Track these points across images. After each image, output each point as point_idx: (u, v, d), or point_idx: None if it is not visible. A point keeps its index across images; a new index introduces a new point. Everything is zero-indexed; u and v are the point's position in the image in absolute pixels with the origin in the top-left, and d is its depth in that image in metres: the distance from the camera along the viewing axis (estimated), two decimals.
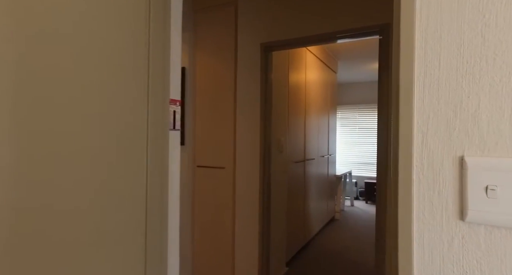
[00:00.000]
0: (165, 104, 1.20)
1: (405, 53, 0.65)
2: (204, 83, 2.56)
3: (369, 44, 3.97)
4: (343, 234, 4.04)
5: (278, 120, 2.71)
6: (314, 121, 3.80)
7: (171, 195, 1.28)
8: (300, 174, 3.35)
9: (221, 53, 2.49)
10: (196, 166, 2.57)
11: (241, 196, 2.46)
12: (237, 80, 2.48)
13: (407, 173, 0.64)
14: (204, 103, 2.56)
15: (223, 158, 2.49)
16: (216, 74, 2.52)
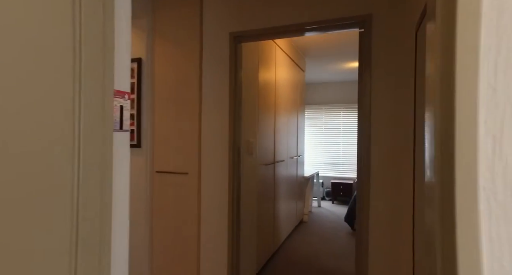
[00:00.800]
0: (106, 97, 0.89)
1: (465, 20, 0.43)
2: (165, 76, 2.23)
3: (338, 43, 3.87)
4: (312, 237, 3.90)
5: (248, 120, 2.47)
6: (283, 122, 3.61)
7: (117, 214, 0.98)
8: (270, 177, 3.13)
9: (185, 43, 2.19)
10: (155, 171, 2.23)
11: (208, 205, 2.18)
12: (203, 74, 2.19)
13: (469, 195, 0.41)
14: (164, 100, 2.24)
15: (187, 163, 2.19)
16: (178, 67, 2.21)
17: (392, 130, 1.74)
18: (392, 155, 1.75)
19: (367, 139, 1.78)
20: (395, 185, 1.75)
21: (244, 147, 2.39)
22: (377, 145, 1.78)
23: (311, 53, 4.34)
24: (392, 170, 1.76)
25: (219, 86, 2.16)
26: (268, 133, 3.06)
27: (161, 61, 2.24)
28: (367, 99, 1.78)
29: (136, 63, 2.17)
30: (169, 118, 2.22)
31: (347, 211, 4.24)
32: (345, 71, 5.33)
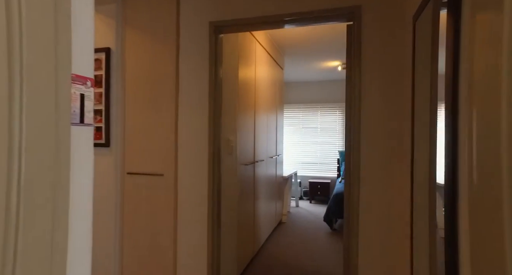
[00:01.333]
0: (60, 82, 0.70)
1: None
2: (137, 69, 2.02)
3: (317, 40, 3.81)
4: (292, 239, 3.81)
5: (227, 118, 2.31)
6: (263, 121, 3.48)
7: (78, 226, 0.79)
8: (250, 178, 2.99)
9: (159, 33, 1.99)
10: (126, 173, 2.02)
11: (185, 209, 2.00)
12: (180, 67, 2.01)
13: None
14: (136, 94, 2.03)
15: (162, 163, 1.99)
16: (152, 59, 2.01)
17: (384, 128, 1.66)
18: (383, 154, 1.67)
19: (357, 137, 1.69)
20: (387, 185, 1.68)
21: (224, 146, 2.23)
22: (368, 144, 1.70)
23: (290, 50, 4.25)
24: (383, 169, 1.68)
25: (198, 80, 1.99)
26: (248, 132, 2.92)
27: (133, 52, 2.03)
28: (356, 97, 1.69)
29: (104, 53, 1.95)
30: (142, 115, 2.02)
31: (326, 211, 4.20)
32: (323, 70, 5.31)
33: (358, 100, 1.69)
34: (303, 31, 3.49)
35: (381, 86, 1.67)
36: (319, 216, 4.87)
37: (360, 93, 1.69)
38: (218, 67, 2.01)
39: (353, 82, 1.71)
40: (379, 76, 1.67)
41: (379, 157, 1.69)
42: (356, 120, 1.69)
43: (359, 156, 1.70)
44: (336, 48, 4.07)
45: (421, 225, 1.18)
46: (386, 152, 1.68)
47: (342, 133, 6.13)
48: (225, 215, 2.23)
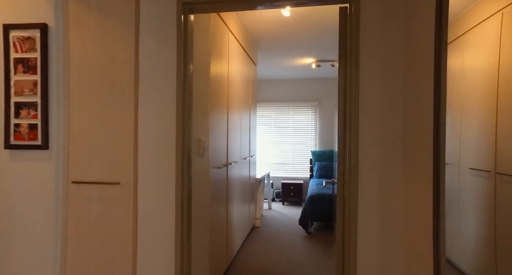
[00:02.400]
0: None
1: None
2: (85, 53, 1.61)
3: (292, 34, 3.57)
4: (267, 245, 3.53)
5: (199, 116, 1.97)
6: (236, 120, 3.17)
7: None
8: (223, 182, 2.67)
9: (113, 8, 1.60)
10: (71, 182, 1.60)
11: (147, 222, 1.63)
12: (141, 53, 1.64)
13: None
14: (84, 85, 1.62)
15: (118, 169, 1.60)
16: (104, 41, 1.61)
17: (388, 127, 1.42)
18: (386, 152, 1.44)
19: (355, 133, 1.44)
20: (388, 188, 1.44)
21: (195, 148, 1.89)
22: (367, 144, 1.45)
23: (264, 45, 3.98)
24: (385, 169, 1.45)
25: (163, 69, 1.63)
26: (221, 132, 2.60)
27: (78, 31, 1.61)
28: (355, 95, 1.44)
29: (39, 30, 1.51)
30: (91, 110, 1.61)
31: (301, 214, 3.98)
32: (296, 67, 5.10)
33: (355, 101, 1.43)
34: (278, 24, 3.23)
35: (384, 83, 1.44)
36: (293, 219, 4.65)
37: (358, 91, 1.44)
38: (188, 55, 1.67)
39: (348, 77, 1.46)
40: (381, 68, 1.43)
41: (379, 157, 1.45)
42: (354, 119, 1.44)
43: (357, 156, 1.45)
44: (311, 44, 3.87)
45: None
46: (388, 152, 1.44)
47: (315, 132, 5.99)
48: (197, 228, 1.88)
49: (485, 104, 0.82)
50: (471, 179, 0.88)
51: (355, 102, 1.42)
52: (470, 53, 0.91)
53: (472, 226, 0.87)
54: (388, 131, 1.43)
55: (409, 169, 1.33)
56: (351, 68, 1.44)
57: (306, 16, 3.01)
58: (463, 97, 0.95)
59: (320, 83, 5.91)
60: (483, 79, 0.83)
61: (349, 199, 1.46)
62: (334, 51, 4.12)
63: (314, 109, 5.99)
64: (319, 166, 5.48)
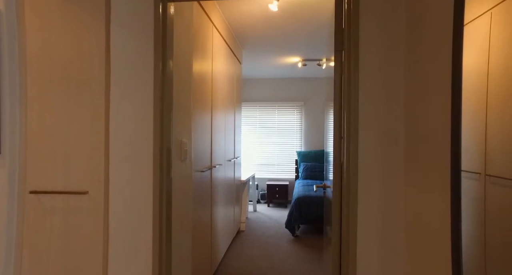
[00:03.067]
0: None
1: None
2: (45, 46, 1.40)
3: (277, 33, 3.44)
4: (253, 250, 3.38)
5: (180, 117, 1.80)
6: (221, 120, 3.00)
7: None
8: (207, 186, 2.49)
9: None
10: (29, 192, 1.38)
11: (120, 238, 1.43)
12: (112, 45, 1.44)
13: None
14: (45, 79, 1.41)
15: (86, 176, 1.40)
16: (69, 30, 1.41)
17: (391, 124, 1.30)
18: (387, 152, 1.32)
19: (354, 135, 1.31)
20: (390, 196, 1.32)
21: (176, 151, 1.71)
22: (368, 148, 1.33)
23: (249, 42, 3.82)
24: (387, 175, 1.32)
25: (139, 64, 1.44)
26: (205, 134, 2.42)
27: (38, 19, 1.39)
28: (354, 94, 1.30)
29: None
30: (55, 110, 1.40)
31: (287, 217, 3.85)
32: (282, 66, 4.97)
33: (354, 96, 1.30)
34: (265, 21, 3.08)
35: (385, 76, 1.32)
36: (279, 221, 4.52)
37: (357, 86, 1.30)
38: (168, 50, 1.49)
39: (346, 74, 1.33)
40: (381, 64, 1.30)
41: (381, 156, 1.33)
42: (353, 123, 1.30)
43: (356, 161, 1.31)
44: (298, 43, 3.75)
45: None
46: (390, 156, 1.32)
47: (300, 133, 5.89)
48: (178, 239, 1.71)
49: (475, 104, 0.81)
50: (462, 181, 0.87)
51: (354, 102, 1.29)
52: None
53: (462, 227, 0.86)
54: (390, 132, 1.31)
55: (416, 175, 1.22)
56: (349, 64, 1.30)
57: (294, 12, 2.88)
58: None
59: (306, 82, 5.81)
60: (472, 79, 0.82)
61: (348, 208, 1.33)
62: (321, 50, 4.02)
63: (299, 109, 5.89)
64: (304, 167, 5.38)
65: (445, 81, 0.94)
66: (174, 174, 1.65)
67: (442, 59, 0.97)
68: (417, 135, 1.18)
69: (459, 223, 0.87)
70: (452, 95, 0.90)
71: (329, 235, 2.05)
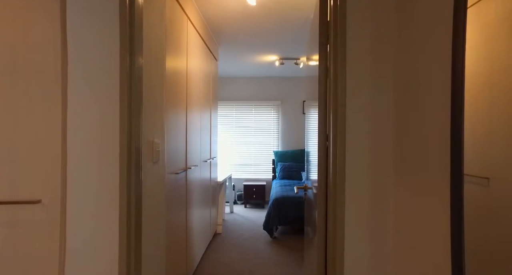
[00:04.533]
0: None
1: None
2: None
3: (254, 30, 3.32)
4: (230, 253, 3.24)
5: (151, 116, 1.62)
6: (196, 119, 2.83)
7: None
8: (181, 189, 2.32)
9: None
10: None
11: (80, 256, 1.24)
12: (70, 35, 1.24)
13: None
14: None
15: (38, 183, 1.20)
16: (15, 15, 1.20)
17: (381, 117, 1.22)
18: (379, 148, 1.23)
19: (341, 134, 1.21)
20: (379, 199, 1.24)
21: (147, 152, 1.53)
22: (356, 145, 1.23)
23: (225, 38, 3.67)
24: (377, 175, 1.24)
25: (103, 56, 1.26)
26: (179, 134, 2.25)
27: None
28: (341, 91, 1.21)
29: None
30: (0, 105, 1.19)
31: (265, 218, 3.75)
32: (259, 65, 4.86)
33: (341, 92, 1.20)
34: (242, 16, 2.95)
35: (374, 70, 1.23)
36: (256, 222, 4.41)
37: (344, 81, 1.21)
38: (136, 39, 1.31)
39: (332, 70, 1.23)
40: (369, 58, 1.21)
41: (370, 153, 1.24)
42: (340, 122, 1.21)
43: (344, 163, 1.22)
44: (275, 40, 3.65)
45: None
46: (379, 156, 1.24)
47: (277, 132, 5.82)
48: (149, 248, 1.53)
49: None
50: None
51: (341, 98, 1.19)
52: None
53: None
54: (380, 130, 1.23)
55: (408, 174, 1.14)
56: (335, 59, 1.20)
57: (273, 8, 2.77)
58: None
59: (283, 82, 5.75)
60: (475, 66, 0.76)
61: (334, 211, 1.23)
62: (299, 49, 3.95)
63: (276, 109, 5.81)
64: (282, 166, 5.31)
65: (443, 71, 0.86)
66: (144, 177, 1.47)
67: (441, 47, 0.89)
68: (411, 132, 1.10)
69: (461, 231, 0.79)
70: (453, 89, 0.82)
71: (310, 236, 1.96)
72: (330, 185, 1.27)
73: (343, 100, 1.20)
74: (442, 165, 0.89)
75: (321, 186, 1.34)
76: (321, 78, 1.33)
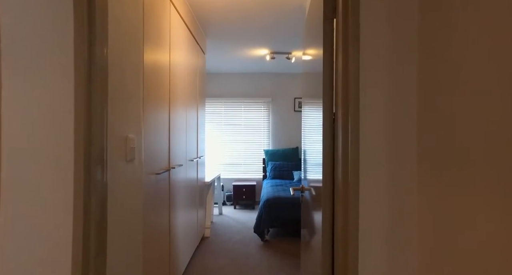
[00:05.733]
0: None
1: None
2: None
3: (244, 20, 3.08)
4: (219, 259, 2.99)
5: (124, 108, 1.36)
6: (181, 116, 2.57)
7: None
8: (164, 191, 2.06)
9: None
10: None
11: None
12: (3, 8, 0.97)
13: None
14: None
15: None
16: None
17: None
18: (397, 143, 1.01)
19: (354, 126, 0.99)
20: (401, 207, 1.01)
21: (118, 149, 1.27)
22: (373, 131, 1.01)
23: (213, 29, 3.41)
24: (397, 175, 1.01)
25: (51, 37, 0.99)
26: (161, 131, 1.99)
27: None
28: (353, 75, 0.98)
29: None
30: None
31: (256, 221, 3.51)
32: (249, 59, 4.62)
33: (354, 76, 0.98)
34: (231, 5, 2.70)
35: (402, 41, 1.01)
36: (247, 224, 4.17)
37: (358, 66, 0.98)
38: (98, 22, 1.05)
39: (340, 50, 1.00)
40: (394, 35, 0.99)
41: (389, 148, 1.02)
42: (353, 112, 0.98)
43: (357, 157, 0.99)
44: (267, 32, 3.42)
45: None
46: (400, 145, 1.02)
47: (268, 130, 5.59)
48: (118, 262, 1.27)
49: None
50: None
51: (354, 85, 0.96)
52: None
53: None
54: (400, 113, 1.01)
55: (439, 169, 0.92)
56: (345, 36, 0.97)
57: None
58: None
59: (274, 78, 5.52)
60: None
61: (345, 218, 1.00)
62: (291, 42, 3.73)
63: (267, 106, 5.58)
64: (272, 166, 5.09)
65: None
66: (113, 178, 1.22)
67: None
68: (443, 118, 0.88)
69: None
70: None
71: (306, 239, 1.74)
72: (338, 184, 1.04)
73: (356, 90, 0.97)
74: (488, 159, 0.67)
75: (326, 186, 1.12)
76: (325, 62, 1.11)
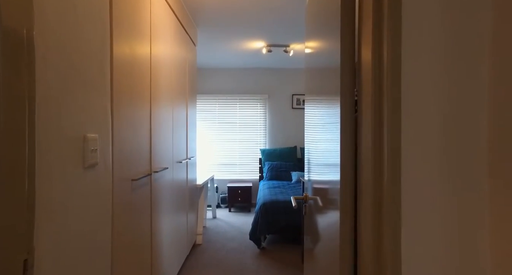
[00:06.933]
0: None
1: None
2: None
3: (239, 7, 2.80)
4: (211, 270, 2.71)
5: (80, 100, 1.08)
6: (167, 114, 2.27)
7: None
8: (144, 197, 1.78)
9: None
10: None
11: None
12: None
13: None
14: None
15: None
16: None
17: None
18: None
19: (395, 108, 0.71)
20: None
21: (68, 153, 0.99)
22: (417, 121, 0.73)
23: (204, 19, 3.12)
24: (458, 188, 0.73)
25: None
26: (140, 130, 1.70)
27: None
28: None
29: None
30: None
31: (252, 227, 3.23)
32: (244, 53, 4.33)
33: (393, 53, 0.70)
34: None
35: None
36: (242, 230, 3.89)
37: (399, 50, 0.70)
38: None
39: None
40: None
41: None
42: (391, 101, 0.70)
43: (399, 160, 0.71)
44: (263, 22, 3.13)
45: None
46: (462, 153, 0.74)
47: (265, 129, 5.31)
48: None
49: None
50: None
51: (391, 74, 0.68)
52: None
53: None
54: (462, 112, 0.73)
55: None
56: (379, 7, 0.69)
57: None
58: None
59: (271, 73, 5.24)
60: None
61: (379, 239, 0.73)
62: (289, 34, 3.45)
63: (263, 103, 5.30)
64: (269, 166, 4.81)
65: None
66: (61, 190, 0.93)
67: None
68: None
69: None
70: None
71: (309, 246, 1.47)
72: (367, 193, 0.76)
73: (397, 69, 0.69)
74: None
75: (346, 192, 0.84)
76: (344, 40, 0.83)
